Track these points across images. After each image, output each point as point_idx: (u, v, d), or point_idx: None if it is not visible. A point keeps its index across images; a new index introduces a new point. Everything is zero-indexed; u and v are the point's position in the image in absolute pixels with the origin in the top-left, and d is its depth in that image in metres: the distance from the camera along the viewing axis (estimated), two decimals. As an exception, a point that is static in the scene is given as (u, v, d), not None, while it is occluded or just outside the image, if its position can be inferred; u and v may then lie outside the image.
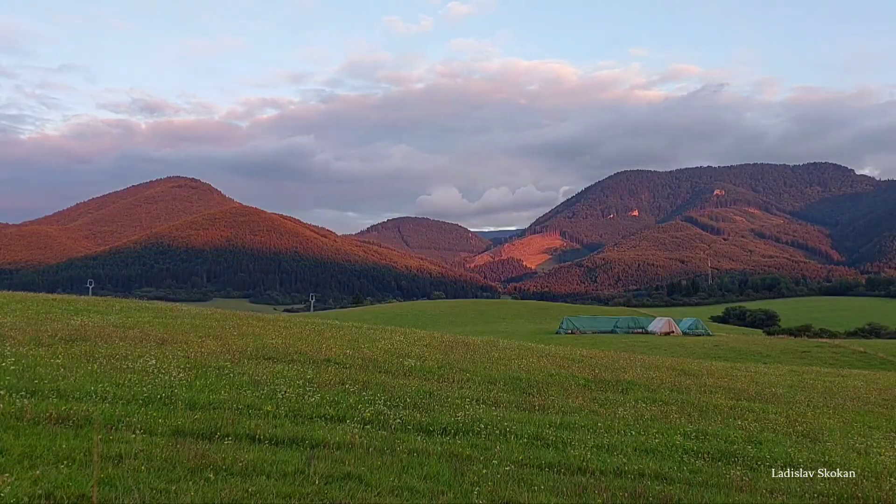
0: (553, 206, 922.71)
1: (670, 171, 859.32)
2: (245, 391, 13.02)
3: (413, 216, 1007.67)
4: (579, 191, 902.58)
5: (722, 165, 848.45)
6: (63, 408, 10.37)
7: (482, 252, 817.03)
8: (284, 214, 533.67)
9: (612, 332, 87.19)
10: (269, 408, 11.89)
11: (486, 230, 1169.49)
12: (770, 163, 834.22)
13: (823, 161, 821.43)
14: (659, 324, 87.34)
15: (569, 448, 11.35)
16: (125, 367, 14.33)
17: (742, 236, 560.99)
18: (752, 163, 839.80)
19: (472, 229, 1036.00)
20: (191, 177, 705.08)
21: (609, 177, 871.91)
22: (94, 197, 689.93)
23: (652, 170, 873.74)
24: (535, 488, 8.96)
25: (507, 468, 9.70)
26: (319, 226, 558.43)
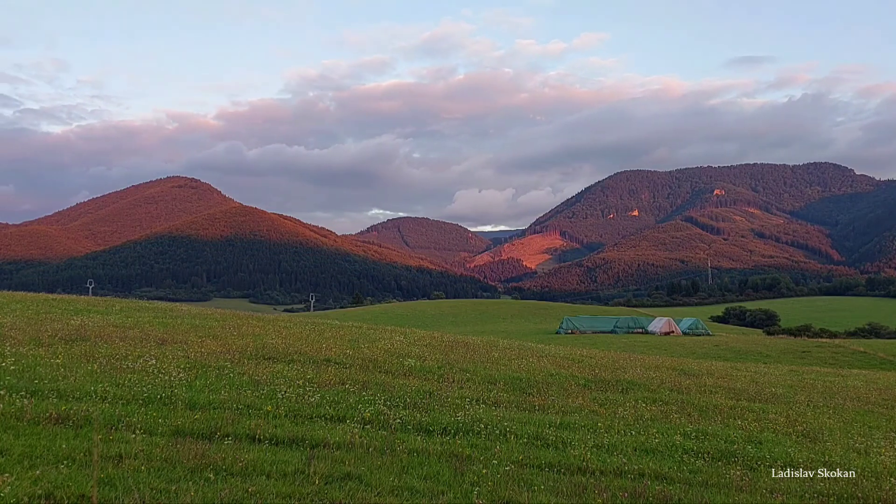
0: (553, 207, 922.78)
1: (670, 171, 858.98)
2: (245, 391, 13.02)
3: (413, 216, 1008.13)
4: (579, 191, 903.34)
5: (722, 165, 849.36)
6: (63, 408, 10.37)
7: (482, 252, 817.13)
8: (284, 214, 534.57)
9: (612, 332, 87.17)
10: (269, 408, 11.89)
11: (486, 230, 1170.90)
12: (770, 163, 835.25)
13: (823, 161, 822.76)
14: (659, 324, 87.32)
15: (569, 448, 11.35)
16: (125, 367, 14.33)
17: (742, 236, 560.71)
18: (752, 163, 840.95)
19: (471, 229, 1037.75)
20: (191, 177, 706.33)
21: (609, 177, 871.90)
22: (94, 197, 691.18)
23: (652, 170, 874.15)
24: (535, 488, 8.96)
25: (507, 468, 9.70)
26: (319, 226, 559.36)
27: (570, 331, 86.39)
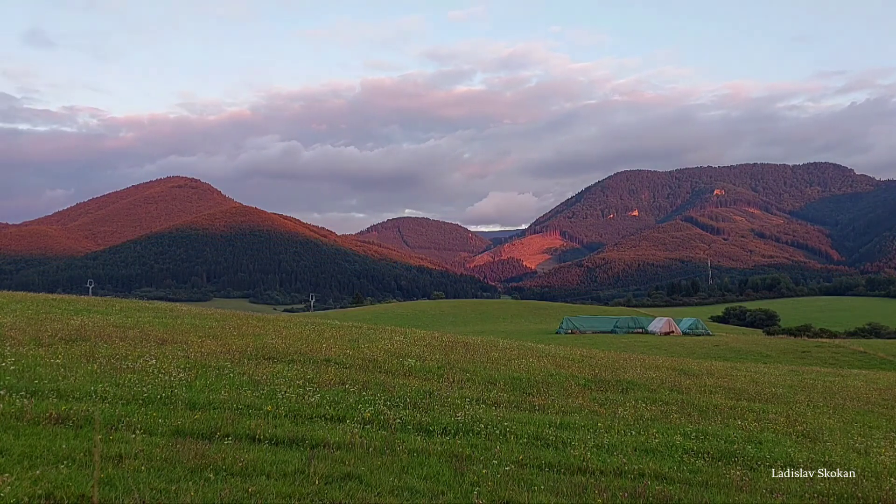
0: (553, 207, 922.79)
1: (670, 171, 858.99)
2: (245, 391, 13.02)
3: (413, 216, 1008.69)
4: (579, 190, 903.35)
5: (722, 165, 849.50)
6: (63, 408, 10.37)
7: (482, 252, 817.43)
8: (284, 214, 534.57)
9: (612, 332, 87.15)
10: (269, 408, 11.89)
11: (486, 230, 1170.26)
12: (770, 163, 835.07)
13: (823, 161, 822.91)
14: (659, 324, 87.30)
15: (569, 448, 11.35)
16: (125, 367, 14.33)
17: (742, 236, 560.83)
18: (752, 163, 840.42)
19: (471, 229, 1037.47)
20: (191, 177, 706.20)
21: (609, 176, 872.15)
22: (94, 197, 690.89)
23: (652, 169, 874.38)
24: (535, 488, 8.96)
25: (507, 468, 9.70)
26: (319, 226, 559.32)
27: (570, 331, 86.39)
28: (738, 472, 10.69)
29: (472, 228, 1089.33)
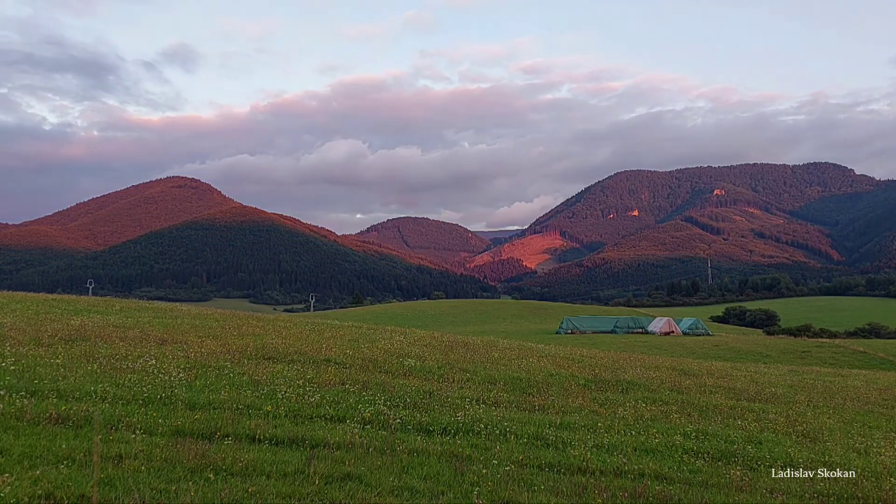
0: (553, 207, 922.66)
1: (670, 171, 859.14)
2: (245, 391, 13.02)
3: (413, 216, 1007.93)
4: (579, 190, 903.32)
5: (722, 165, 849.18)
6: (63, 408, 10.37)
7: (482, 252, 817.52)
8: (284, 214, 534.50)
9: (612, 332, 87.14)
10: (269, 408, 11.89)
11: (486, 230, 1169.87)
12: (770, 163, 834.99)
13: (823, 161, 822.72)
14: (659, 324, 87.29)
15: (569, 448, 11.35)
16: (125, 367, 14.33)
17: (742, 236, 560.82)
18: (751, 163, 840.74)
19: (471, 229, 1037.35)
20: (191, 177, 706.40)
21: (609, 176, 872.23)
22: (94, 197, 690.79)
23: (652, 170, 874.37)
24: (535, 488, 8.96)
25: (507, 468, 9.70)
26: (319, 226, 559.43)
27: (570, 331, 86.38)
28: (738, 472, 10.69)
29: (472, 228, 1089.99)
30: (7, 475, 7.33)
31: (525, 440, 11.56)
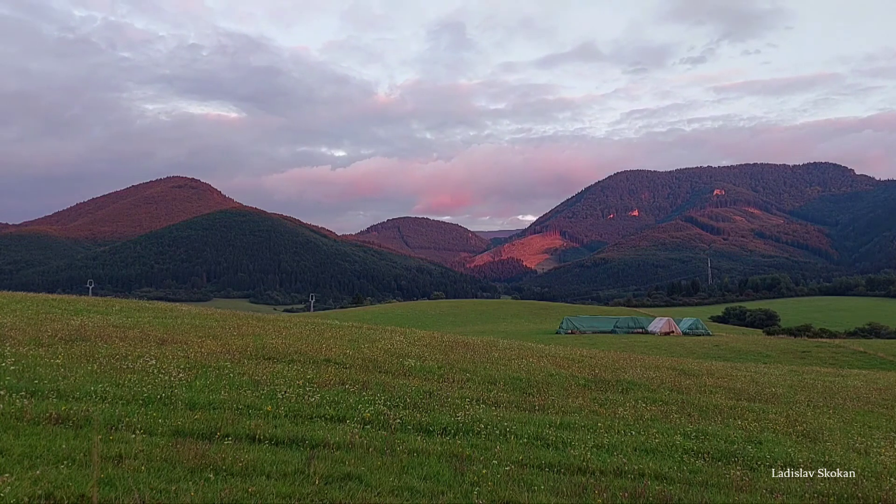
0: (553, 206, 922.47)
1: (670, 171, 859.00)
2: (245, 391, 13.02)
3: (413, 216, 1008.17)
4: (579, 190, 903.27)
5: (722, 165, 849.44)
6: (63, 408, 10.37)
7: (482, 252, 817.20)
8: (284, 214, 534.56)
9: (612, 332, 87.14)
10: (268, 408, 11.89)
11: (486, 230, 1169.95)
12: (770, 163, 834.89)
13: (823, 161, 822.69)
14: (659, 324, 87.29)
15: (569, 448, 11.35)
16: (125, 367, 14.32)
17: (742, 236, 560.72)
18: (751, 163, 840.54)
19: (471, 229, 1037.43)
20: (191, 177, 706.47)
21: (609, 176, 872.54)
22: (94, 197, 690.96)
23: (652, 170, 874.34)
24: (535, 488, 8.96)
25: (507, 468, 9.70)
26: (319, 226, 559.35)
27: (570, 331, 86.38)
28: (738, 472, 10.69)
29: (473, 228, 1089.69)
30: (7, 475, 7.32)
31: (525, 440, 11.56)
